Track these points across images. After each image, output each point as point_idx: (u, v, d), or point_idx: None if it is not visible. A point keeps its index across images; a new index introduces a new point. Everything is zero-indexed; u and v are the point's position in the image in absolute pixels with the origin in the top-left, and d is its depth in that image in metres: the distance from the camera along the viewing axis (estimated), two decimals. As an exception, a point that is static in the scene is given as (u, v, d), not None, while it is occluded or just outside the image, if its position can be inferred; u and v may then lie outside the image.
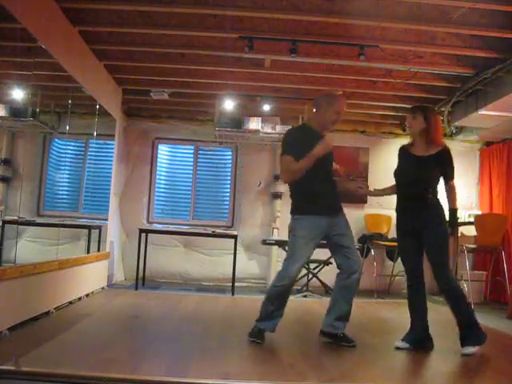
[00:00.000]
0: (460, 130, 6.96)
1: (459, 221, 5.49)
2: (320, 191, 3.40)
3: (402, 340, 3.37)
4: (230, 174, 7.29)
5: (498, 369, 3.01)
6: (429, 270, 3.36)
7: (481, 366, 3.10)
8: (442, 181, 3.43)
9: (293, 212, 3.51)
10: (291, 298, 3.51)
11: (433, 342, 3.37)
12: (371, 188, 3.87)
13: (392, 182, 3.58)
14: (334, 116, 3.46)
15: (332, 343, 3.37)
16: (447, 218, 3.39)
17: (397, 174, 3.52)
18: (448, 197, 3.42)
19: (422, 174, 3.35)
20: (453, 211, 3.39)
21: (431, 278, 3.40)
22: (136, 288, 5.80)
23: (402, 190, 3.47)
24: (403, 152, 3.53)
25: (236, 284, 5.98)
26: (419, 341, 3.35)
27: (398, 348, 3.33)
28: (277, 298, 3.39)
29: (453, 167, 3.41)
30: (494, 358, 3.29)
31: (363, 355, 3.18)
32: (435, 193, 3.37)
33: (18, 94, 4.82)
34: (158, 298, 5.44)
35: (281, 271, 3.39)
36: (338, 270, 3.47)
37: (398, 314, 4.99)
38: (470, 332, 3.23)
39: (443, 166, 3.37)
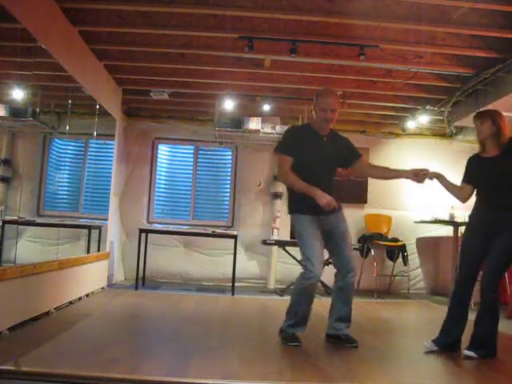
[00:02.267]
0: (460, 130, 6.97)
1: (459, 221, 5.49)
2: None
3: (432, 341, 3.29)
4: (229, 174, 7.29)
5: (498, 369, 3.01)
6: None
7: (481, 366, 3.10)
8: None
9: (288, 211, 3.51)
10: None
11: (460, 346, 3.27)
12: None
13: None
14: (322, 114, 3.34)
15: (333, 343, 3.36)
16: None
17: (477, 180, 3.33)
18: None
19: (504, 169, 3.19)
20: None
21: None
22: (136, 288, 5.80)
23: (484, 195, 3.31)
24: (476, 160, 3.38)
25: (236, 284, 5.98)
26: (450, 344, 3.27)
27: (428, 351, 3.25)
28: (305, 300, 3.28)
29: None
30: (494, 358, 3.29)
31: (363, 355, 3.17)
32: None
33: (18, 94, 4.81)
34: (158, 298, 5.44)
35: (305, 272, 3.23)
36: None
37: (398, 314, 5.01)
38: (487, 345, 3.14)
39: None
